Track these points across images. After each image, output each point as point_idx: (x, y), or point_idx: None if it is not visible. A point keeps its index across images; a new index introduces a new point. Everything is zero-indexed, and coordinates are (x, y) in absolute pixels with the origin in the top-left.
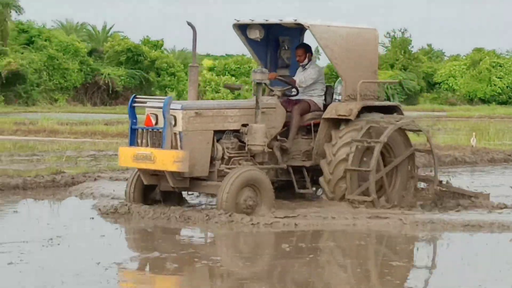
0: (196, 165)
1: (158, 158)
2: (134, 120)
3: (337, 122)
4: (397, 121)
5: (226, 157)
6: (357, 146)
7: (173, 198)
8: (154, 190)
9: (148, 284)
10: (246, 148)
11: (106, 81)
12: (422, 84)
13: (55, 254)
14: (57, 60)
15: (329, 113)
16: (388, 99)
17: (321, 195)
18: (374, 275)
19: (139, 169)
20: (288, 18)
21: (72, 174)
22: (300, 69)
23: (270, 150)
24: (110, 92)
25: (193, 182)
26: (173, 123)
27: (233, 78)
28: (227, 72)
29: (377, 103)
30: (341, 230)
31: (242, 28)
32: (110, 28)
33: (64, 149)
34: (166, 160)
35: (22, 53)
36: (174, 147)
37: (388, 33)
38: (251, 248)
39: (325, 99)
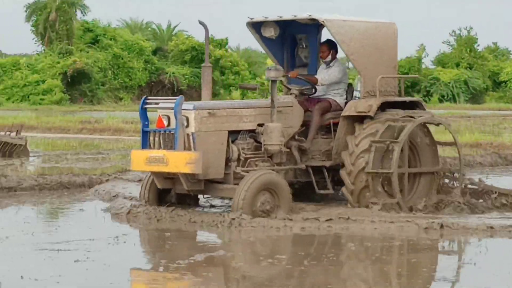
0: (211, 167)
1: (171, 160)
2: (146, 123)
3: (357, 120)
4: (419, 117)
5: (242, 158)
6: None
7: (189, 200)
8: (169, 193)
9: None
10: (262, 149)
11: (171, 80)
12: (487, 83)
13: (121, 252)
14: (122, 59)
15: (348, 110)
16: (454, 98)
17: (341, 194)
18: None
19: (153, 173)
20: (302, 14)
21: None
22: (323, 65)
23: (288, 150)
24: (175, 90)
25: (208, 185)
26: (185, 124)
27: None
28: None
29: (397, 98)
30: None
31: (256, 27)
32: (175, 27)
33: (129, 148)
34: (179, 162)
35: (88, 52)
36: (187, 148)
37: (453, 31)
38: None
39: (346, 98)
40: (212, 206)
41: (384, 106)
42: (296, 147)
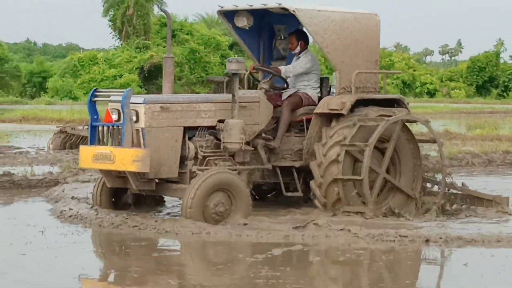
0: (163, 166)
1: (118, 158)
2: (95, 116)
3: (330, 118)
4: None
5: (200, 156)
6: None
7: (148, 201)
8: (126, 193)
9: None
10: (222, 147)
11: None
12: None
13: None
14: (199, 53)
15: (321, 107)
16: None
17: (314, 199)
18: None
19: (101, 171)
20: (272, 3)
21: None
22: (294, 58)
23: (252, 149)
24: (251, 85)
25: (162, 184)
26: (134, 118)
27: None
28: None
29: (374, 96)
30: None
31: (228, 16)
32: None
33: None
34: (125, 159)
35: (164, 47)
36: (136, 145)
37: None
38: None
39: (321, 93)
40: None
41: (361, 104)
42: (262, 146)
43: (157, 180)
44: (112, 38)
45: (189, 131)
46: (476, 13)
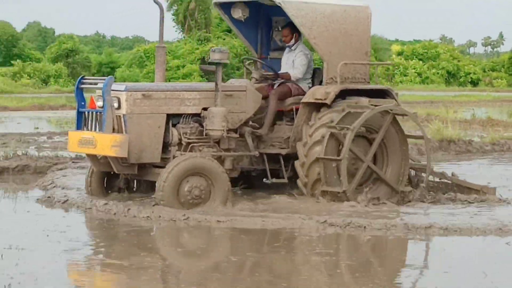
0: (145, 151)
1: (99, 142)
2: (83, 103)
3: (316, 107)
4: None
5: (184, 143)
6: (332, 133)
7: (139, 185)
8: (118, 178)
9: None
10: (204, 133)
11: None
12: None
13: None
14: None
15: (308, 97)
16: None
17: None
18: None
19: (87, 155)
20: None
21: None
22: (287, 50)
23: (237, 136)
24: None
25: (146, 169)
26: (116, 105)
27: (421, 62)
28: (415, 56)
29: (360, 86)
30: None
31: (224, 7)
32: None
33: None
34: (105, 144)
35: (224, 39)
36: (118, 131)
37: None
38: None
39: (313, 83)
40: None
41: (348, 94)
42: (249, 133)
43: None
44: (176, 31)
45: (174, 118)
46: None
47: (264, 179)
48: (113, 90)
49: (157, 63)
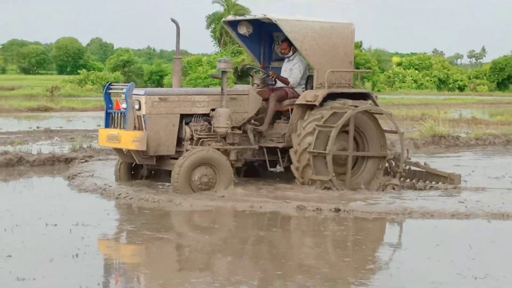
0: (161, 145)
1: (122, 138)
2: (110, 105)
3: (308, 108)
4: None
5: (195, 138)
6: (319, 130)
7: (161, 174)
8: (142, 168)
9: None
10: (212, 130)
11: None
12: None
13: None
14: None
15: (301, 99)
16: None
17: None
18: None
19: (114, 148)
20: (259, 15)
21: None
22: (286, 60)
23: (241, 132)
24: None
25: (164, 160)
26: (137, 107)
27: (416, 71)
28: (411, 66)
29: (345, 90)
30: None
31: (232, 25)
32: None
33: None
34: (127, 139)
35: None
36: (139, 128)
37: None
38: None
39: (306, 87)
40: None
41: (335, 96)
42: (251, 130)
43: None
44: (213, 45)
45: (187, 118)
46: (497, 25)
47: (269, 168)
48: (134, 94)
49: (174, 71)
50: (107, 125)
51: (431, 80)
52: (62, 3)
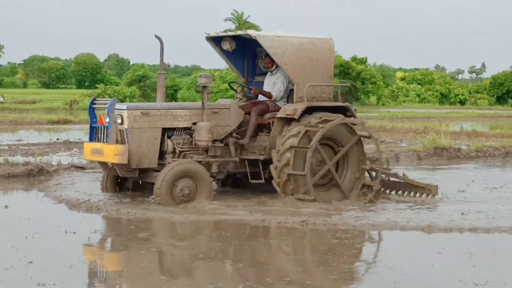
0: (144, 158)
1: (105, 152)
2: (94, 119)
3: (287, 121)
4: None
5: (177, 151)
6: (295, 151)
7: (146, 186)
8: (127, 180)
9: None
10: (193, 143)
11: None
12: None
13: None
14: None
15: (281, 113)
16: None
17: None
18: None
19: (98, 162)
20: (240, 31)
21: None
22: (268, 74)
23: (222, 145)
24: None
25: (147, 173)
26: (119, 121)
27: (419, 85)
28: (414, 81)
29: (323, 103)
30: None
31: (215, 40)
32: None
33: None
34: (110, 153)
35: None
36: (121, 142)
37: None
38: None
39: (287, 101)
40: None
41: (315, 110)
42: (233, 143)
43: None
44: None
45: (169, 131)
46: (497, 41)
47: (250, 180)
48: (118, 109)
49: (159, 86)
50: (91, 139)
51: (433, 95)
52: (80, 20)
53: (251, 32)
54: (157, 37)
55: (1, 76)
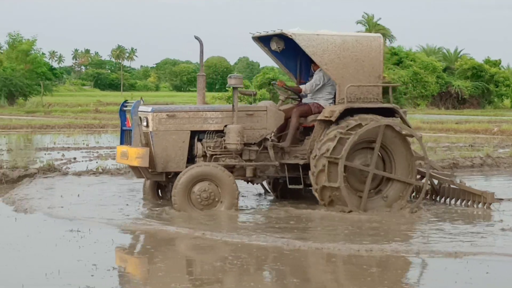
0: (170, 162)
1: (129, 155)
2: (125, 122)
3: (329, 123)
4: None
5: (208, 155)
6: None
7: None
8: (168, 186)
9: None
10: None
11: (456, 91)
12: None
13: None
14: (419, 75)
15: (321, 115)
16: None
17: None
18: None
19: (129, 165)
20: (276, 30)
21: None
22: (315, 73)
23: (257, 148)
24: (459, 99)
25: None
26: (144, 124)
27: None
28: None
29: (364, 105)
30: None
31: (264, 40)
32: (460, 51)
33: (426, 141)
34: (132, 156)
35: (394, 70)
36: (146, 145)
37: None
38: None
39: (334, 102)
40: None
41: (355, 111)
42: (271, 146)
43: None
44: None
45: (201, 134)
46: None
47: (289, 185)
48: (143, 111)
49: (198, 88)
50: (121, 142)
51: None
52: (211, 25)
53: (287, 31)
54: (196, 38)
55: (134, 79)
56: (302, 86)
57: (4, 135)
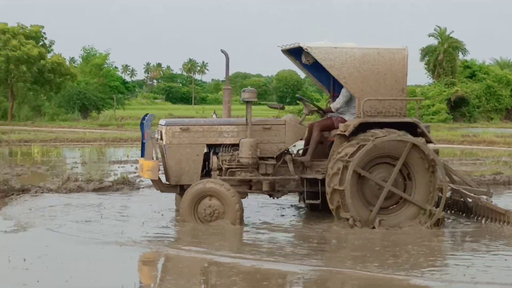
0: (184, 175)
1: (142, 167)
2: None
3: (346, 138)
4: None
5: (223, 168)
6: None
7: None
8: None
9: None
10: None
11: None
12: None
13: None
14: (493, 88)
15: (338, 130)
16: None
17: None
18: None
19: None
20: (294, 44)
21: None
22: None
23: (274, 162)
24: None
25: None
26: (159, 137)
27: None
28: None
29: (381, 119)
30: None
31: (294, 53)
32: None
33: (500, 156)
34: (144, 169)
35: (467, 84)
36: (162, 158)
37: None
38: None
39: None
40: None
41: (374, 126)
42: (290, 160)
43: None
44: (427, 77)
45: (217, 148)
46: None
47: (306, 200)
48: (158, 124)
49: (224, 102)
50: (142, 155)
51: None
52: (281, 38)
53: (303, 44)
54: (223, 51)
55: (206, 92)
56: (331, 105)
57: (78, 148)
